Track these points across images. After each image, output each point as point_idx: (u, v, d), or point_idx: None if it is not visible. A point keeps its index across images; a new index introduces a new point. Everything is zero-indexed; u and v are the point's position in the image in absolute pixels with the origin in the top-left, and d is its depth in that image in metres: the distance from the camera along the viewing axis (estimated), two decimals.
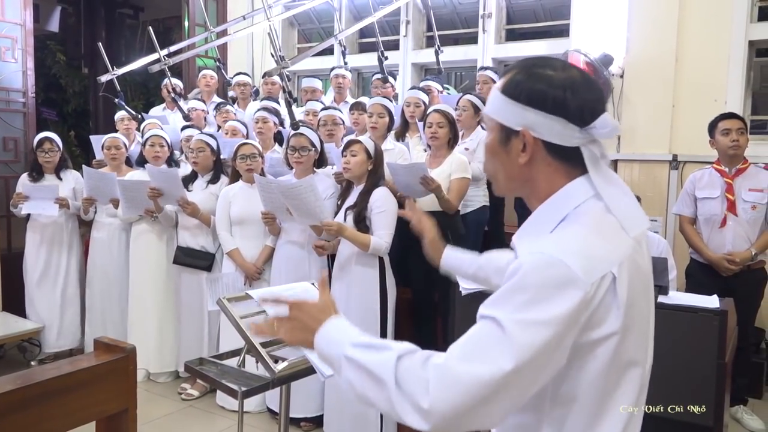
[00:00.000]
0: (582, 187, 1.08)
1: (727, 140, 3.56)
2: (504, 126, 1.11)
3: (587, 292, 0.96)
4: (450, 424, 0.94)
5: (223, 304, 2.02)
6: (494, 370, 0.92)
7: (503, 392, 0.94)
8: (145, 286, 4.19)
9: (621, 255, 1.02)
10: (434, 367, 0.96)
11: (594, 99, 1.08)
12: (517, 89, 1.09)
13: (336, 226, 3.14)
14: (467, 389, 0.93)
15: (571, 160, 1.09)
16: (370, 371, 1.00)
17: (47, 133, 4.59)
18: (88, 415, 1.43)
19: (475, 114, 4.03)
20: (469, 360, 0.95)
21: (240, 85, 5.48)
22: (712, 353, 2.14)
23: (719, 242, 3.60)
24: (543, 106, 1.06)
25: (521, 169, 1.11)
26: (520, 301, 0.96)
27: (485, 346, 0.95)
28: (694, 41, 4.38)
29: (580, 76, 1.10)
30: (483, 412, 0.94)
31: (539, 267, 0.97)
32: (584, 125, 1.06)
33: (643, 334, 1.08)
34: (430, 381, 0.94)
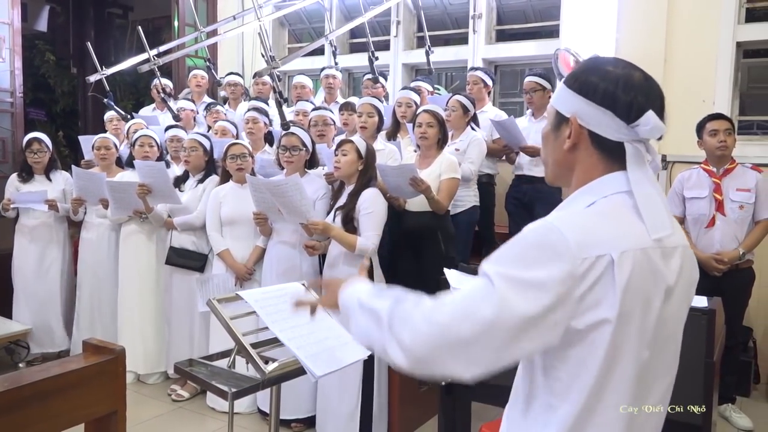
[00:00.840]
0: (616, 181, 1.11)
1: (714, 141, 3.59)
2: (558, 112, 1.17)
3: (575, 265, 0.99)
4: (427, 364, 1.01)
5: (213, 305, 2.01)
6: (475, 316, 0.98)
7: (481, 340, 0.98)
8: (134, 287, 4.17)
9: (627, 244, 1.03)
10: (423, 308, 1.03)
11: (646, 98, 1.10)
12: (574, 79, 1.15)
13: (322, 225, 3.15)
14: (447, 330, 0.99)
15: (613, 155, 1.12)
16: (373, 312, 1.10)
17: (36, 133, 4.56)
18: (76, 417, 1.42)
19: (464, 114, 4.04)
20: (453, 304, 1.02)
21: (231, 85, 5.46)
22: (700, 352, 2.15)
23: (707, 242, 3.63)
24: (593, 97, 1.10)
25: (565, 155, 1.16)
26: (513, 256, 1.02)
27: (472, 296, 1.01)
28: (683, 42, 4.41)
29: (639, 76, 1.12)
30: (458, 357, 0.99)
31: (538, 230, 1.03)
32: (631, 122, 1.09)
33: (648, 332, 1.07)
34: (416, 319, 1.02)
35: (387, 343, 1.05)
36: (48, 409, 1.34)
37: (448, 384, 2.62)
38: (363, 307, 1.14)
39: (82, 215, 4.48)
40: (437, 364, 1.01)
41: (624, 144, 1.10)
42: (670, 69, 4.43)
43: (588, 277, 1.00)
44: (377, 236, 3.17)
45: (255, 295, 2.02)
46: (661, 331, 1.11)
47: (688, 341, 1.20)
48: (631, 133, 1.09)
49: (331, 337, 2.00)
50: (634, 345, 1.05)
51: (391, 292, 1.13)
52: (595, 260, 1.00)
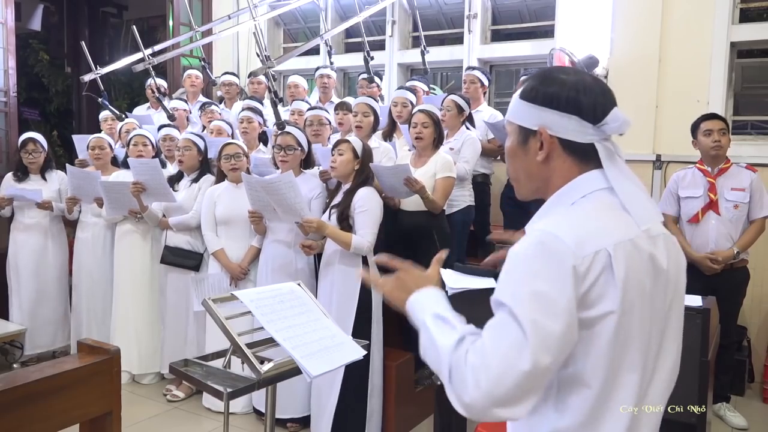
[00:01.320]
0: (593, 179, 1.15)
1: (709, 141, 3.60)
2: (522, 128, 1.20)
3: (578, 264, 1.02)
4: (485, 414, 1.03)
5: (209, 305, 2.01)
6: (513, 370, 0.99)
7: (529, 384, 1.00)
8: (129, 287, 4.16)
9: (618, 237, 1.07)
10: (471, 367, 1.02)
11: (604, 98, 1.16)
12: (533, 92, 1.18)
13: (316, 222, 3.15)
14: (493, 389, 0.99)
15: (585, 157, 1.16)
16: (436, 348, 1.09)
17: (31, 133, 4.54)
18: (71, 418, 1.42)
19: (458, 114, 4.04)
20: (493, 358, 1.01)
21: (226, 84, 5.45)
22: (695, 351, 2.16)
23: (702, 241, 3.64)
24: (557, 106, 1.15)
25: (539, 167, 1.19)
26: (521, 276, 1.03)
27: (507, 347, 1.01)
28: (677, 43, 4.43)
29: (591, 79, 1.19)
30: (514, 402, 1.01)
31: (534, 242, 1.05)
32: (597, 122, 1.14)
33: (646, 324, 1.10)
34: (468, 380, 1.02)
35: (448, 391, 1.06)
36: (42, 409, 1.34)
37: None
38: (427, 330, 1.12)
39: (77, 215, 4.47)
40: (498, 416, 1.02)
41: (594, 144, 1.15)
42: (665, 69, 4.44)
43: (590, 274, 1.03)
44: (372, 234, 3.17)
45: (250, 295, 2.02)
46: (664, 321, 1.14)
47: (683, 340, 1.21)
48: (598, 133, 1.15)
49: (327, 337, 2.00)
50: (638, 333, 1.08)
51: (453, 321, 1.11)
52: (594, 256, 1.03)
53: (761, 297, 4.19)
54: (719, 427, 3.60)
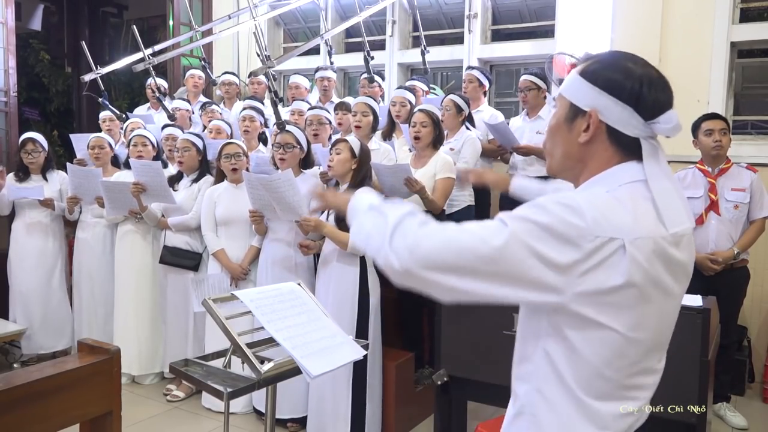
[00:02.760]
0: (631, 169, 1.13)
1: (709, 141, 3.60)
2: (573, 105, 1.17)
3: (588, 242, 1.01)
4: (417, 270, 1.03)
5: (209, 305, 2.01)
6: (480, 241, 1.02)
7: (475, 265, 1.01)
8: (130, 287, 4.16)
9: (640, 232, 1.05)
10: (431, 225, 1.06)
11: (666, 98, 1.14)
12: (595, 74, 1.15)
13: (314, 221, 3.16)
14: (446, 245, 1.02)
15: (627, 150, 1.14)
16: (382, 215, 1.12)
17: (30, 133, 4.54)
18: (71, 418, 1.42)
19: (457, 114, 4.04)
20: (463, 231, 1.04)
21: (226, 84, 5.45)
22: (695, 351, 2.16)
23: (702, 241, 3.63)
24: (618, 93, 1.12)
25: (580, 148, 1.17)
26: (533, 220, 1.03)
27: (483, 227, 1.04)
28: (677, 42, 4.42)
29: (657, 74, 1.16)
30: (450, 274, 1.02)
31: (562, 202, 1.04)
32: (650, 119, 1.12)
33: (661, 320, 1.11)
34: (420, 231, 1.04)
35: (385, 242, 1.07)
36: (43, 409, 1.34)
37: (444, 384, 2.63)
38: (372, 208, 1.16)
39: (78, 215, 4.47)
40: (424, 281, 1.04)
41: (640, 140, 1.13)
42: (665, 69, 4.36)
43: (595, 256, 1.02)
44: None
45: (250, 295, 2.02)
46: (662, 326, 1.15)
47: (683, 340, 1.21)
48: (647, 130, 1.13)
49: (327, 336, 2.00)
50: (631, 327, 1.07)
51: (407, 206, 1.13)
52: (607, 241, 1.02)
53: (761, 297, 4.19)
54: (719, 427, 3.60)
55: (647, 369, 1.14)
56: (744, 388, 4.10)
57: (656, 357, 1.16)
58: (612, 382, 1.09)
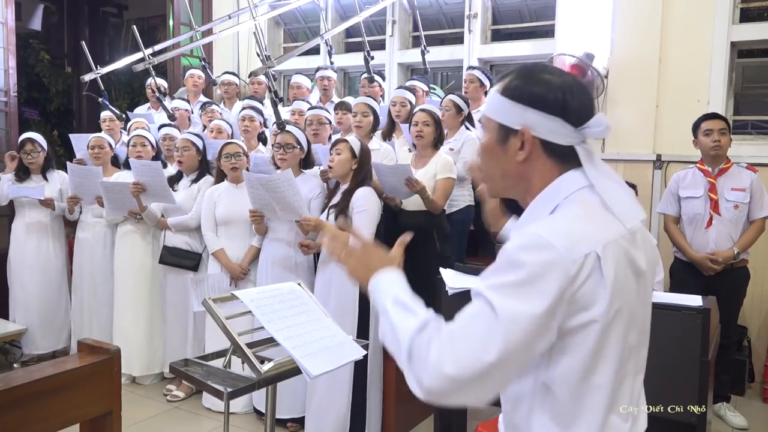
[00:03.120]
0: (574, 179, 1.14)
1: (708, 141, 3.60)
2: (503, 125, 1.17)
3: (569, 269, 1.01)
4: (443, 399, 1.02)
5: (209, 305, 2.01)
6: (483, 359, 0.99)
7: (491, 375, 1.00)
8: (130, 287, 4.16)
9: (606, 238, 1.06)
10: (436, 349, 1.02)
11: (588, 101, 1.16)
12: (518, 91, 1.15)
13: (314, 221, 3.16)
14: (457, 373, 0.99)
15: (564, 159, 1.15)
16: (395, 332, 1.09)
17: (30, 133, 4.54)
18: (71, 418, 1.42)
19: (457, 114, 4.04)
20: (462, 345, 1.01)
21: (225, 84, 5.45)
22: (695, 351, 2.16)
23: (703, 241, 3.64)
24: (543, 107, 1.13)
25: (518, 166, 1.17)
26: (512, 282, 1.01)
27: (478, 333, 1.01)
28: (678, 42, 4.42)
29: (575, 81, 1.17)
30: (474, 391, 1.01)
31: (528, 245, 1.03)
32: (579, 125, 1.13)
33: (632, 322, 1.11)
34: (430, 362, 1.01)
35: (407, 374, 1.06)
36: (43, 409, 1.34)
37: None
38: (387, 315, 1.13)
39: (78, 214, 4.47)
40: (455, 400, 1.03)
41: (574, 147, 1.14)
42: (665, 69, 4.44)
43: (579, 277, 1.02)
44: (370, 234, 3.18)
45: (250, 295, 2.02)
46: (642, 320, 1.16)
47: (683, 340, 1.21)
48: (579, 136, 1.14)
49: (327, 336, 2.00)
50: (621, 335, 1.08)
51: (413, 307, 1.11)
52: (584, 259, 1.03)
53: (761, 297, 4.19)
54: (719, 427, 3.60)
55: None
56: (744, 388, 4.10)
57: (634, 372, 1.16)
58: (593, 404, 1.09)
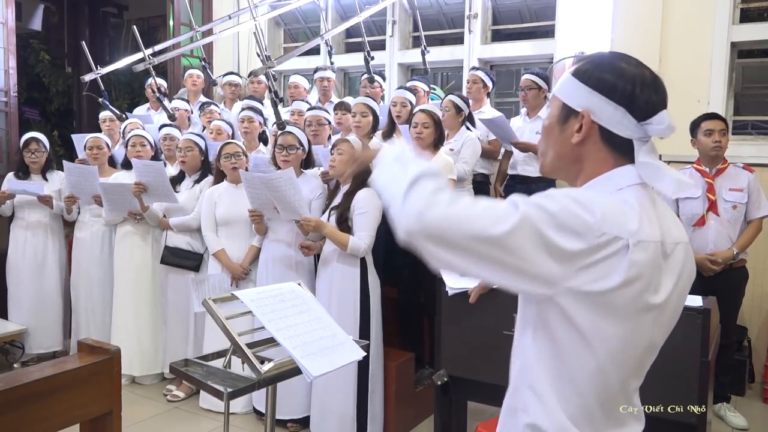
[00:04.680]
0: (628, 174, 1.12)
1: (709, 141, 3.59)
2: (566, 105, 1.16)
3: (594, 236, 1.00)
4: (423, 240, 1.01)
5: (209, 305, 2.01)
6: (487, 222, 0.99)
7: (480, 245, 0.99)
8: (130, 287, 4.16)
9: (646, 235, 1.05)
10: (450, 192, 1.03)
11: (658, 98, 1.13)
12: (588, 74, 1.14)
13: (314, 221, 3.16)
14: (456, 221, 0.99)
15: (620, 151, 1.13)
16: (407, 167, 1.07)
17: (34, 133, 4.54)
18: (71, 418, 1.42)
19: (457, 114, 4.04)
20: (473, 205, 1.01)
21: (232, 84, 5.46)
22: (695, 351, 2.16)
23: (701, 242, 3.63)
24: (610, 94, 1.11)
25: (572, 148, 1.16)
26: (543, 206, 1.01)
27: (494, 208, 1.01)
28: (677, 42, 4.43)
29: (650, 75, 1.14)
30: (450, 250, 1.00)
31: (573, 195, 1.03)
32: (642, 120, 1.11)
33: (640, 328, 1.09)
34: (438, 195, 1.01)
35: (402, 195, 1.04)
36: (43, 409, 1.34)
37: (444, 384, 2.63)
38: (397, 160, 1.12)
39: (76, 214, 4.46)
40: (424, 249, 1.02)
41: (633, 141, 1.12)
42: (665, 69, 4.44)
43: (600, 252, 1.01)
44: (370, 236, 3.18)
45: (250, 295, 2.02)
46: (661, 328, 1.13)
47: (683, 341, 1.21)
48: (640, 131, 1.12)
49: (327, 336, 2.00)
50: (621, 329, 1.06)
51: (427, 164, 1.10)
52: (612, 239, 1.01)
53: (761, 297, 4.19)
54: (719, 427, 3.60)
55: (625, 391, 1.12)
56: (744, 388, 4.10)
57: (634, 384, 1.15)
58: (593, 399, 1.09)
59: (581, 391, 1.08)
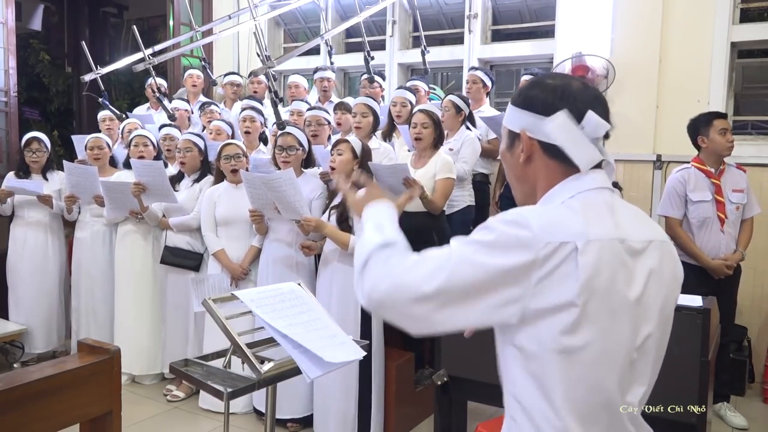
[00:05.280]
0: (577, 183, 1.15)
1: (724, 140, 3.52)
2: (510, 131, 1.23)
3: (539, 250, 1.02)
4: (378, 311, 1.10)
5: (209, 305, 2.01)
6: (421, 281, 1.05)
7: (426, 303, 1.05)
8: (130, 287, 4.16)
9: (595, 234, 1.05)
10: (389, 264, 1.11)
11: (585, 102, 1.15)
12: (519, 96, 1.21)
13: (315, 221, 3.17)
14: (394, 290, 1.07)
15: (568, 161, 1.15)
16: (363, 243, 1.17)
17: (35, 133, 4.54)
18: (71, 418, 1.42)
19: (456, 114, 4.04)
20: (411, 270, 1.08)
21: (232, 84, 5.46)
22: (695, 351, 2.16)
23: (714, 245, 3.56)
24: (536, 109, 1.16)
25: (523, 169, 1.20)
26: (478, 240, 1.06)
27: (429, 262, 1.08)
28: (678, 43, 4.43)
29: (577, 84, 1.18)
30: (400, 316, 1.08)
31: (507, 219, 1.07)
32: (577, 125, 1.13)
33: (618, 327, 1.07)
34: (378, 273, 1.10)
35: (357, 280, 1.14)
36: (43, 409, 1.34)
37: (444, 384, 2.63)
38: (363, 233, 1.21)
39: (77, 214, 4.46)
40: (385, 317, 1.10)
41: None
42: (665, 69, 4.44)
43: (550, 261, 1.02)
44: None
45: (250, 295, 2.02)
46: (640, 329, 1.11)
47: (683, 340, 1.21)
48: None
49: (327, 336, 2.00)
50: (596, 337, 1.05)
51: (388, 230, 1.19)
52: (558, 246, 1.03)
53: (761, 297, 4.19)
54: (719, 427, 3.60)
55: (607, 402, 1.09)
56: (744, 388, 4.09)
57: (620, 385, 1.10)
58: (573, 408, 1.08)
59: (560, 407, 1.07)
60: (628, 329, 1.09)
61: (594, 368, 1.06)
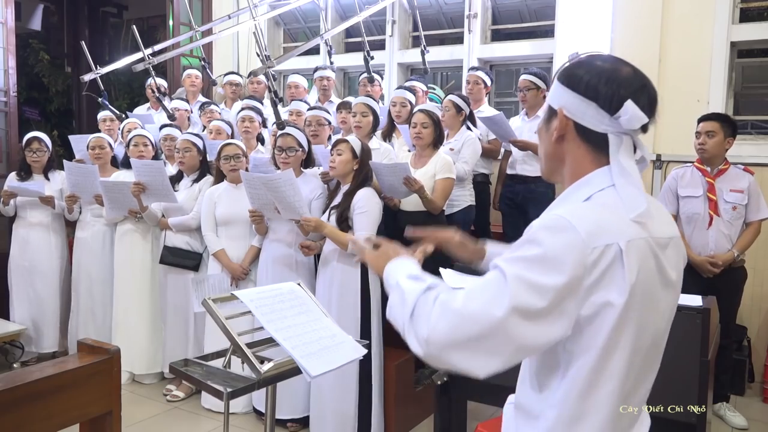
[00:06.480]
0: (603, 177, 1.13)
1: (696, 142, 3.65)
2: (550, 106, 1.21)
3: (586, 255, 1.01)
4: (441, 355, 1.04)
5: (209, 305, 2.00)
6: (486, 313, 1.01)
7: (491, 336, 1.01)
8: (129, 287, 4.16)
9: (631, 234, 1.06)
10: (441, 302, 1.06)
11: (628, 92, 1.11)
12: (565, 73, 1.18)
13: (314, 221, 3.16)
14: (458, 324, 1.02)
15: (599, 147, 1.14)
16: (403, 296, 1.13)
17: (36, 132, 4.54)
18: (71, 418, 1.42)
19: (457, 114, 4.04)
20: (468, 300, 1.04)
21: (232, 84, 5.46)
22: (695, 351, 2.16)
23: (702, 242, 3.64)
24: (577, 88, 1.14)
25: (554, 146, 1.19)
26: (527, 257, 1.03)
27: (486, 292, 1.03)
28: (677, 42, 4.43)
29: (627, 71, 1.14)
30: (471, 352, 1.02)
31: (550, 226, 1.04)
32: (614, 114, 1.11)
33: (649, 324, 1.10)
34: (433, 314, 1.05)
35: (407, 331, 1.09)
36: (43, 409, 1.34)
37: (444, 383, 2.63)
38: (398, 288, 1.16)
39: (78, 214, 4.46)
40: (452, 358, 1.04)
41: (608, 135, 1.12)
42: (665, 69, 4.44)
43: (598, 266, 1.02)
44: (371, 235, 3.18)
45: (250, 295, 2.02)
46: (660, 325, 1.14)
47: (683, 340, 1.21)
48: (614, 125, 1.12)
49: (327, 336, 2.00)
50: (634, 334, 1.07)
51: (423, 277, 1.16)
52: (604, 249, 1.02)
53: (761, 297, 4.20)
54: (719, 427, 3.61)
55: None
56: (744, 388, 4.10)
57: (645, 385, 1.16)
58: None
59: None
60: (654, 325, 1.12)
61: (628, 363, 1.08)
